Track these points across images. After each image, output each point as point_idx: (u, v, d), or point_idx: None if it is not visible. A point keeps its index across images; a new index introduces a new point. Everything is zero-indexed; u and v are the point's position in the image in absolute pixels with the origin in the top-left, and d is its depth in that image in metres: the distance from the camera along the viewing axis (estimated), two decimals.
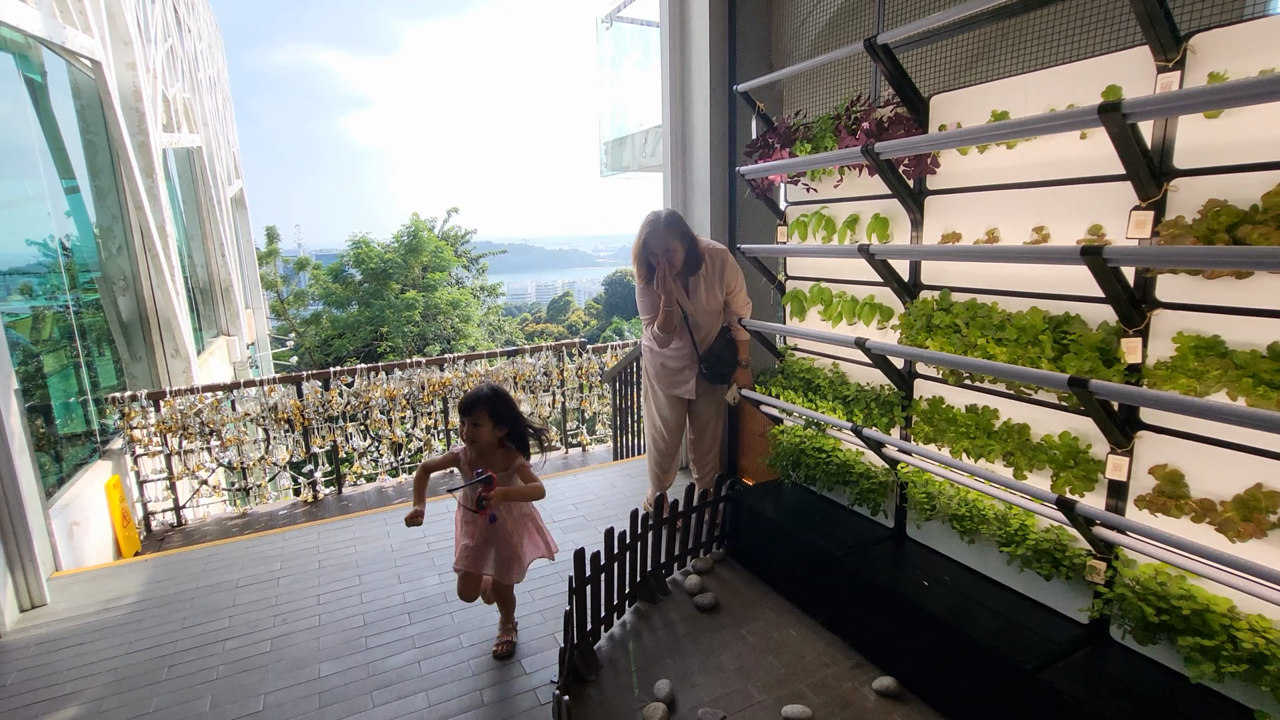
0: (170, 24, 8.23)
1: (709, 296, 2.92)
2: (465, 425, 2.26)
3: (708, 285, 2.90)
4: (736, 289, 2.97)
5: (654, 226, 2.77)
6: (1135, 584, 1.75)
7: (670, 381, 3.06)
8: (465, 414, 2.25)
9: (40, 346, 4.68)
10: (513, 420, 2.32)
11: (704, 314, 2.95)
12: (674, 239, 2.75)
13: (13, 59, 4.37)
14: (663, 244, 2.74)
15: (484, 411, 2.24)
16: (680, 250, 2.78)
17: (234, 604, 2.81)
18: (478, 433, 2.25)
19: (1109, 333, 1.79)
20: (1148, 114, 1.52)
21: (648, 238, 2.76)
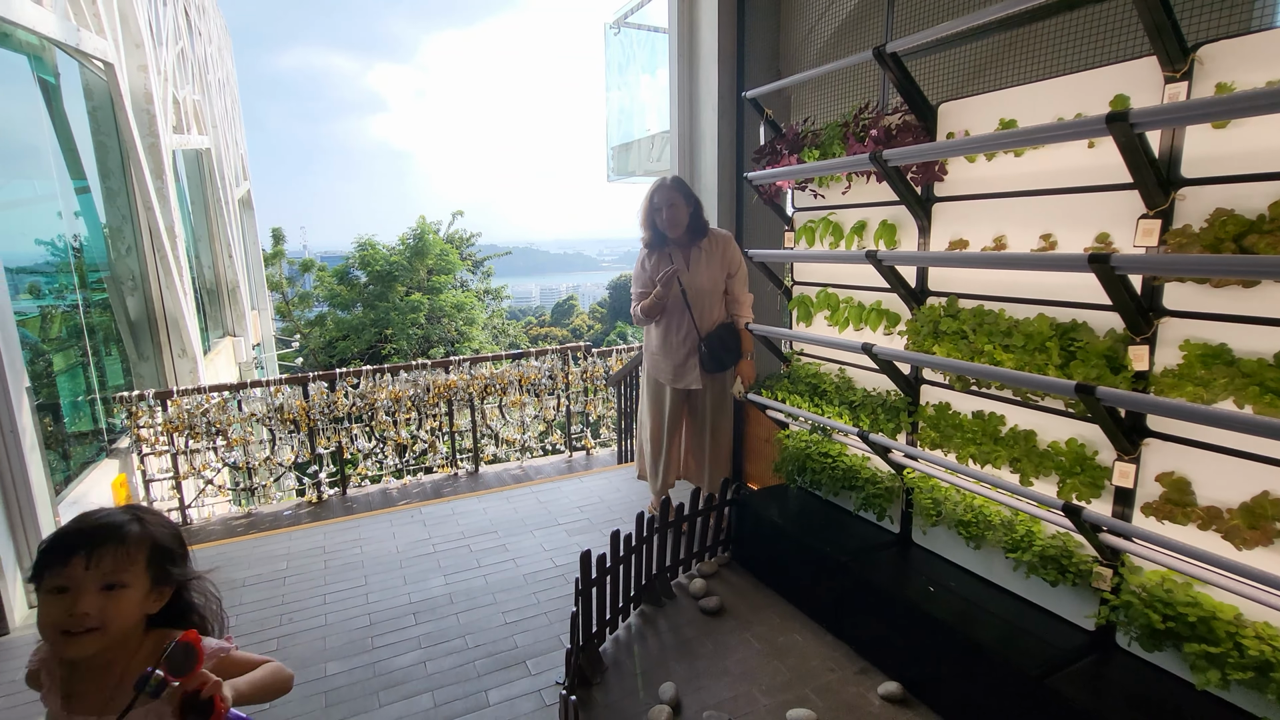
0: (181, 27, 8.31)
1: (708, 273, 2.93)
2: (80, 594, 0.98)
3: (708, 259, 2.93)
4: (738, 272, 3.01)
5: (660, 182, 2.89)
6: (1142, 591, 1.75)
7: (673, 373, 3.04)
8: (72, 566, 0.99)
9: (49, 345, 4.71)
10: (182, 575, 1.12)
11: (703, 292, 2.95)
12: (678, 195, 2.84)
13: (27, 61, 4.42)
14: (667, 198, 2.83)
15: (134, 562, 1.04)
16: (684, 210, 2.85)
17: (240, 603, 2.83)
18: (116, 607, 1.01)
19: (1116, 340, 1.79)
20: (1155, 124, 1.53)
21: (654, 192, 2.86)
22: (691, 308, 2.94)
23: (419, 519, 3.66)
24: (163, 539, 1.10)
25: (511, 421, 5.45)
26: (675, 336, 2.99)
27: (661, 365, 3.06)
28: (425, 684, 2.29)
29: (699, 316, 2.96)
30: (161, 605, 1.10)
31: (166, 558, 1.09)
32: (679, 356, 3.00)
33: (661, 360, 3.05)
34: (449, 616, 2.69)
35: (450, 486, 5.00)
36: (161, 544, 1.09)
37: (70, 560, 0.99)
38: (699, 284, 2.93)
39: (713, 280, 2.94)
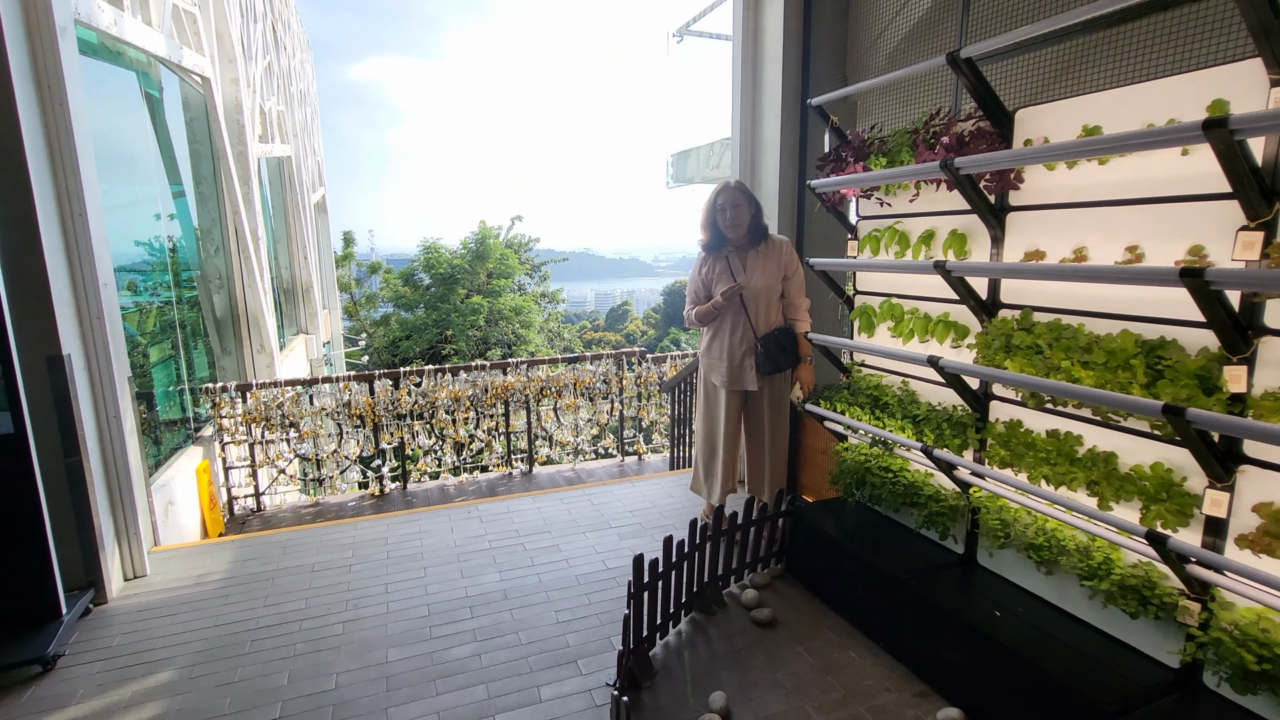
0: (269, 42, 8.86)
1: (764, 272, 2.95)
2: None
3: (765, 261, 2.96)
4: (794, 275, 3.02)
5: (724, 184, 2.93)
6: (1234, 628, 1.63)
7: (729, 374, 3.02)
8: None
9: (145, 339, 5.09)
10: None
11: (759, 292, 2.96)
12: (742, 196, 2.89)
13: (136, 77, 4.81)
14: (731, 198, 2.87)
15: None
16: (746, 211, 2.90)
17: (309, 587, 2.98)
18: None
19: (1209, 359, 1.68)
20: (1259, 130, 1.44)
21: (718, 193, 2.91)
22: (748, 308, 2.95)
23: (476, 515, 3.77)
24: None
25: (566, 424, 5.54)
26: (732, 337, 2.98)
27: (717, 367, 3.06)
28: (480, 676, 2.36)
29: (755, 317, 2.97)
30: None
31: None
32: (735, 357, 2.99)
33: (717, 362, 3.05)
34: (504, 612, 2.76)
35: (505, 485, 5.12)
36: None
37: None
38: (755, 285, 2.94)
39: (769, 282, 2.95)
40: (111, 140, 4.64)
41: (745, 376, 3.01)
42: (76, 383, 2.74)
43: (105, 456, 2.94)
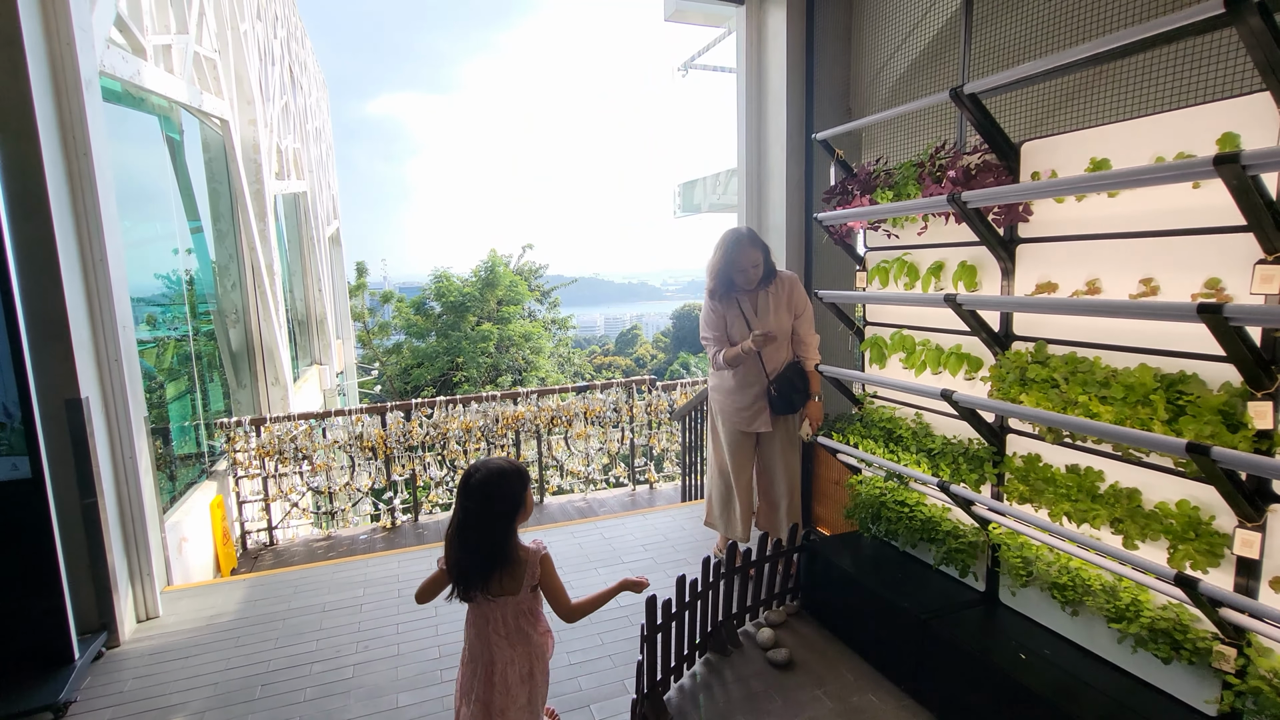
0: (286, 83, 9.12)
1: (776, 316, 2.94)
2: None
3: (776, 303, 2.93)
4: (804, 312, 3.00)
5: (739, 242, 2.83)
6: (1273, 676, 1.57)
7: (741, 417, 3.01)
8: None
9: (162, 373, 5.16)
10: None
11: (773, 331, 2.93)
12: (759, 254, 2.85)
13: (158, 121, 4.96)
14: (751, 259, 2.82)
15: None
16: (760, 261, 2.87)
17: (320, 628, 2.95)
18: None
19: (1233, 394, 1.65)
20: (1272, 166, 1.42)
21: (736, 255, 2.82)
22: (760, 351, 2.92)
23: None
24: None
25: (576, 453, 5.52)
26: (744, 379, 2.96)
27: (730, 408, 3.03)
28: None
29: (768, 360, 2.95)
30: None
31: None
32: (747, 399, 2.98)
33: (730, 403, 3.03)
34: None
35: None
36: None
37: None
38: (771, 328, 2.91)
39: (781, 323, 2.94)
40: (133, 181, 4.77)
41: (758, 419, 3.00)
42: (94, 424, 2.77)
43: (121, 497, 2.96)
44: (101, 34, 3.34)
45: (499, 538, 1.70)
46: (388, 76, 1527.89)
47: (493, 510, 1.69)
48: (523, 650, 1.75)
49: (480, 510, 1.68)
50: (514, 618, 1.74)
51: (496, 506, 1.69)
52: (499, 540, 1.70)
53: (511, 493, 1.70)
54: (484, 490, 1.68)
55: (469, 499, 1.68)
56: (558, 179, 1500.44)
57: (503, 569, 1.70)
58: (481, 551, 1.68)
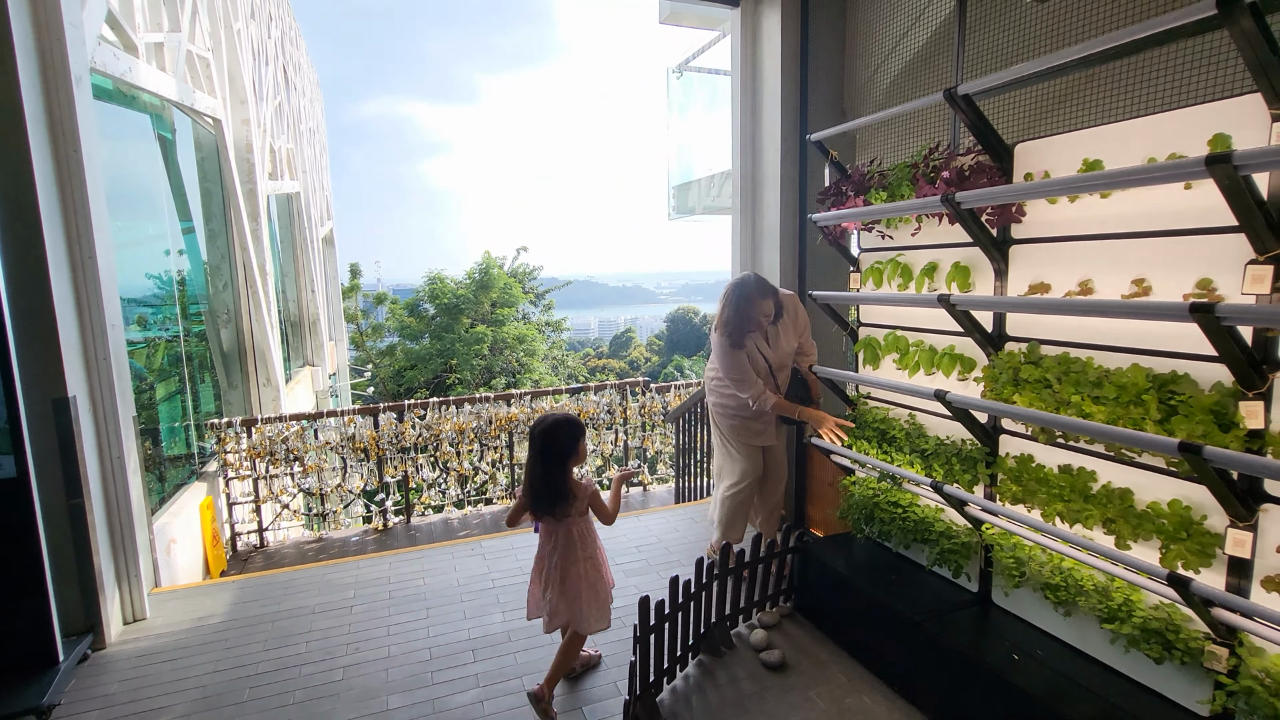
0: (279, 83, 9.09)
1: (786, 341, 3.01)
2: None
3: (785, 332, 2.99)
4: (806, 329, 3.08)
5: (749, 299, 2.79)
6: (1265, 676, 1.57)
7: (751, 432, 3.09)
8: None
9: (152, 374, 5.11)
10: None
11: (784, 358, 3.03)
12: (768, 301, 2.84)
13: (149, 119, 4.92)
14: (762, 310, 2.82)
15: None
16: (772, 307, 2.88)
17: (310, 630, 2.92)
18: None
19: (1224, 394, 1.65)
20: (1263, 166, 1.43)
21: (748, 310, 2.80)
22: (775, 376, 3.03)
23: (479, 552, 3.71)
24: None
25: None
26: None
27: (747, 427, 3.08)
28: None
29: (780, 382, 3.06)
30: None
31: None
32: (763, 421, 3.06)
33: (747, 421, 3.07)
34: (507, 655, 2.69)
35: None
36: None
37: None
38: (782, 355, 3.03)
39: (790, 347, 3.05)
40: (124, 180, 4.73)
41: (767, 433, 3.10)
42: (81, 424, 2.74)
43: (108, 498, 2.93)
44: (93, 30, 3.31)
45: (554, 477, 2.22)
46: (384, 79, 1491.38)
47: (549, 455, 2.21)
48: (582, 554, 2.31)
49: (540, 455, 2.21)
50: (575, 533, 2.30)
51: (553, 453, 2.21)
52: (555, 479, 2.22)
53: (564, 441, 2.21)
54: (543, 439, 2.21)
55: (533, 446, 2.23)
56: (552, 181, 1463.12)
57: (561, 500, 2.23)
58: (545, 487, 2.21)
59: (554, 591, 2.30)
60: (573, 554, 2.31)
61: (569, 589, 2.30)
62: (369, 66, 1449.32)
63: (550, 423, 2.21)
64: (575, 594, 2.30)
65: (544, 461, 2.21)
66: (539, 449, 2.22)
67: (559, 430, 2.20)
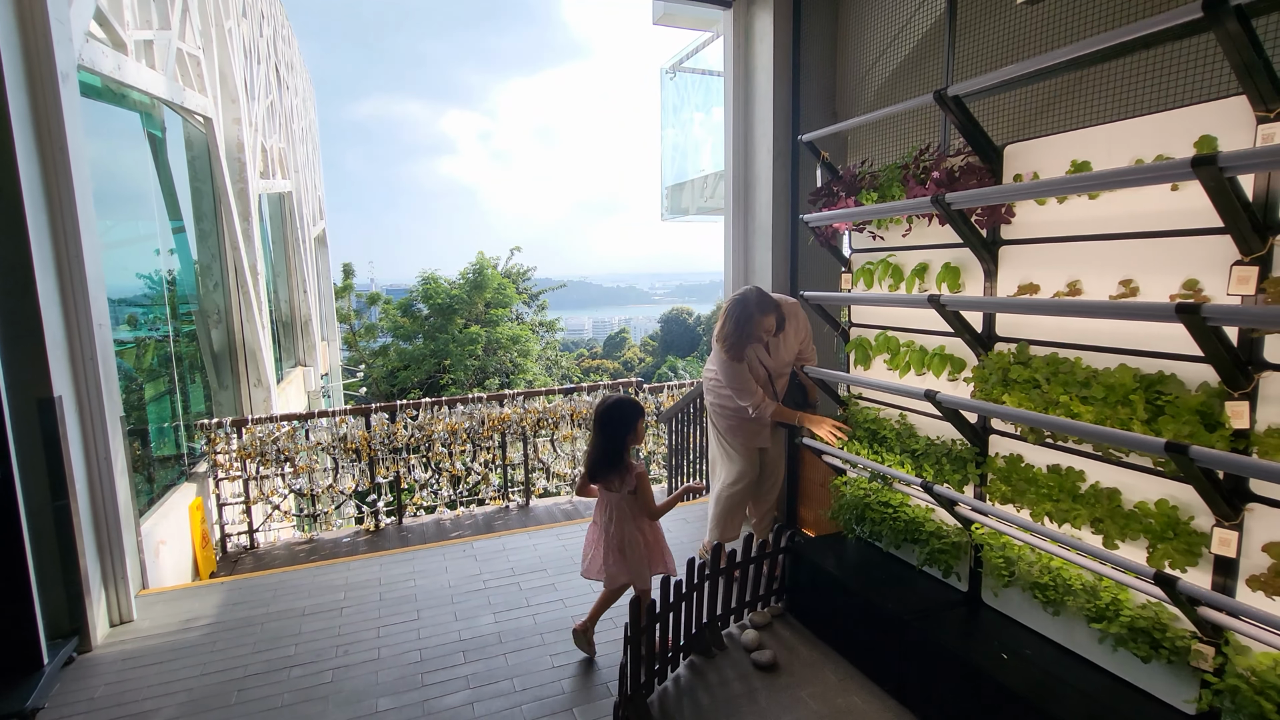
0: (271, 82, 9.04)
1: (787, 350, 3.02)
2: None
3: (785, 340, 2.99)
4: (808, 335, 3.07)
5: (749, 317, 2.77)
6: (1250, 675, 1.58)
7: (748, 434, 3.09)
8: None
9: (142, 374, 5.07)
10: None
11: (783, 366, 3.04)
12: (769, 315, 2.81)
13: (139, 118, 4.89)
14: (764, 326, 2.79)
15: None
16: (774, 323, 2.85)
17: (300, 632, 2.90)
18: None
19: (1210, 394, 1.66)
20: (1248, 167, 1.44)
21: (749, 328, 2.78)
22: (775, 383, 3.05)
23: (471, 554, 3.70)
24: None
25: (563, 455, 5.49)
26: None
27: (746, 429, 3.09)
28: None
29: (779, 389, 3.08)
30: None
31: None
32: (761, 422, 3.06)
33: (746, 425, 3.08)
34: (498, 657, 2.68)
35: (502, 520, 5.05)
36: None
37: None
38: (781, 363, 3.03)
39: (790, 354, 3.05)
40: (113, 179, 4.69)
41: (762, 435, 3.11)
42: (67, 424, 2.71)
43: (94, 499, 2.90)
44: (80, 27, 3.28)
45: (610, 449, 2.45)
46: (378, 79, 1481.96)
47: (608, 429, 2.45)
48: (631, 526, 2.50)
49: (601, 429, 2.45)
50: (626, 506, 2.50)
51: (611, 426, 2.45)
52: (611, 451, 2.44)
53: (622, 420, 2.45)
54: (606, 414, 2.46)
55: (596, 422, 2.48)
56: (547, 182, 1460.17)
57: (614, 473, 2.45)
58: (603, 457, 2.45)
59: (614, 557, 2.51)
60: (628, 524, 2.49)
61: (630, 555, 2.50)
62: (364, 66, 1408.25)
63: (613, 400, 2.49)
64: (637, 558, 2.51)
65: (604, 434, 2.45)
66: (601, 423, 2.46)
67: (619, 407, 2.47)
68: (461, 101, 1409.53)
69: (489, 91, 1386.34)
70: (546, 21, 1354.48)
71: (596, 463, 2.48)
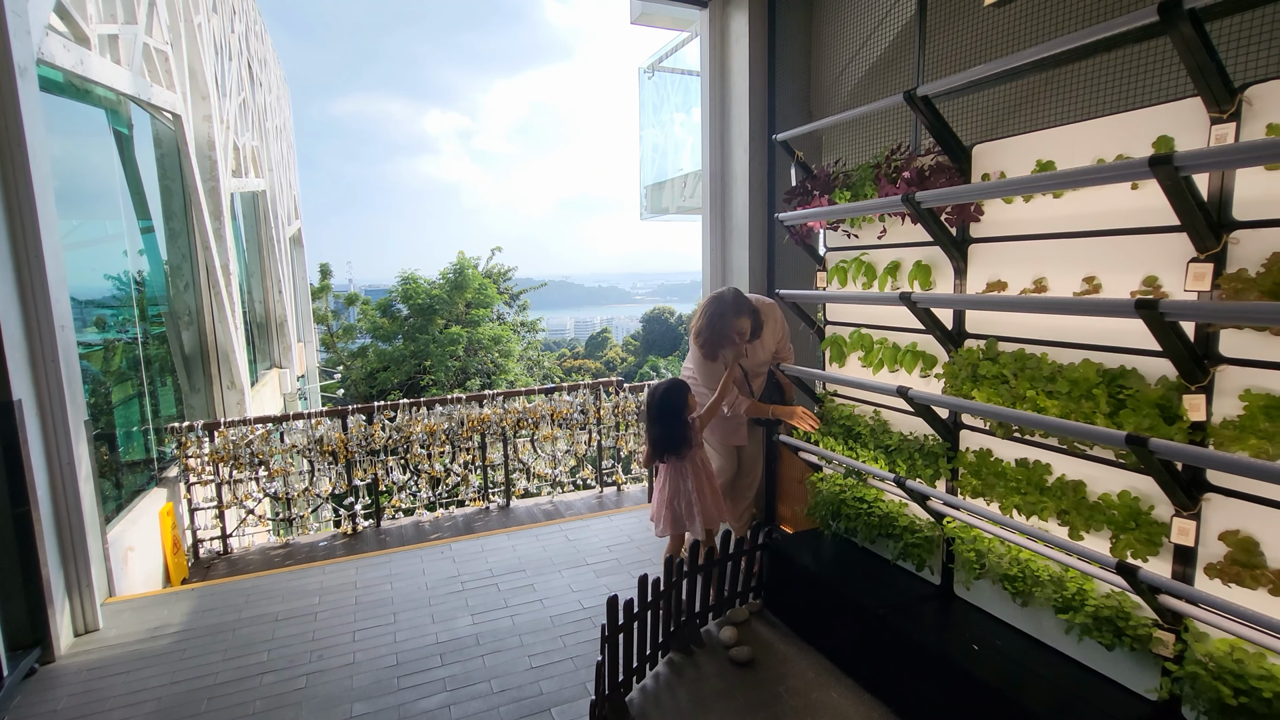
0: (244, 79, 8.87)
1: (764, 350, 3.03)
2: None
3: (763, 341, 2.99)
4: (785, 335, 3.08)
5: (724, 316, 2.77)
6: (1209, 661, 1.62)
7: (725, 432, 3.11)
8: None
9: (109, 377, 4.95)
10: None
11: (760, 366, 3.05)
12: (744, 318, 2.80)
13: (105, 114, 4.77)
14: (737, 328, 2.78)
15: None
16: (748, 326, 2.83)
17: (273, 637, 2.86)
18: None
19: (1169, 388, 1.71)
20: (1203, 166, 1.48)
21: (723, 327, 2.78)
22: (751, 382, 3.06)
23: (449, 555, 3.67)
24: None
25: (543, 455, 5.46)
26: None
27: (721, 424, 3.09)
28: None
29: (756, 389, 3.09)
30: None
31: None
32: (737, 420, 3.08)
33: (724, 422, 3.09)
34: (475, 659, 2.67)
35: (481, 521, 5.01)
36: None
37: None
38: (757, 362, 3.05)
39: (767, 354, 3.06)
40: (77, 177, 4.57)
41: (740, 432, 3.12)
42: (28, 429, 2.64)
43: (57, 505, 2.82)
44: (39, 20, 3.19)
45: (670, 431, 2.67)
46: (356, 77, 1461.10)
47: (667, 415, 2.67)
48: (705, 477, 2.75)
49: (659, 416, 2.69)
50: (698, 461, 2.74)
51: (669, 411, 2.67)
52: (670, 432, 2.67)
53: (671, 404, 2.67)
54: (660, 403, 2.69)
55: (650, 410, 2.74)
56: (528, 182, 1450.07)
57: (686, 445, 2.68)
58: (667, 439, 2.68)
59: (699, 508, 2.73)
60: (701, 481, 2.74)
61: (706, 503, 2.73)
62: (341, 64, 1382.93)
63: (663, 389, 2.71)
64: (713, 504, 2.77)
65: (662, 421, 2.67)
66: (657, 413, 2.68)
67: (666, 395, 2.68)
68: (442, 100, 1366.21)
69: (470, 90, 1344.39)
70: (528, 20, 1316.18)
71: (664, 445, 2.68)
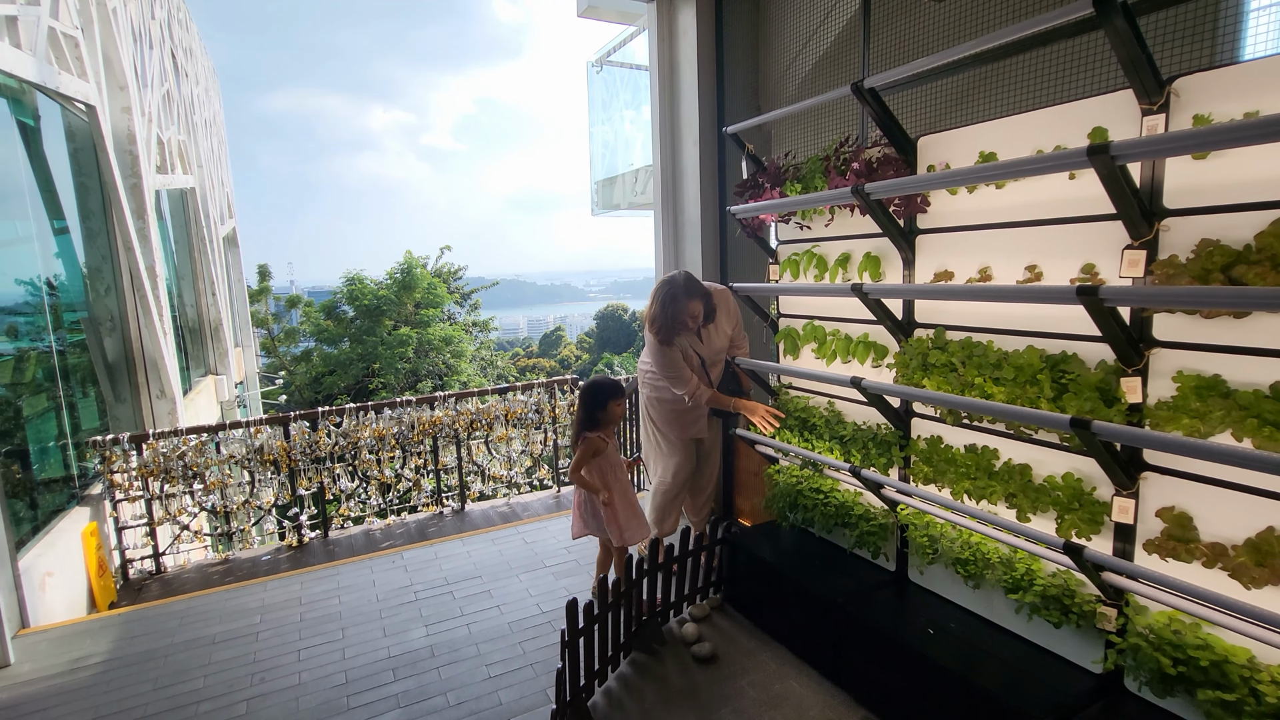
0: (168, 69, 8.36)
1: (719, 336, 2.96)
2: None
3: (717, 328, 2.94)
4: (738, 323, 3.03)
5: (675, 298, 2.72)
6: (1149, 633, 1.69)
7: (684, 425, 3.04)
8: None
9: (21, 389, 4.58)
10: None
11: (716, 354, 2.99)
12: (699, 303, 2.75)
13: (5, 103, 4.39)
14: (690, 311, 2.73)
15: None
16: (701, 309, 2.79)
17: (209, 662, 2.68)
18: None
19: (1108, 372, 1.76)
20: (1136, 155, 1.52)
21: (675, 311, 2.72)
22: (708, 371, 2.99)
23: (400, 564, 3.54)
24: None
25: (499, 457, 5.34)
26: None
27: (680, 420, 3.04)
28: None
29: (714, 379, 3.02)
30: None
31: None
32: (697, 412, 3.01)
33: (680, 416, 3.03)
34: (430, 671, 2.57)
35: (435, 526, 4.86)
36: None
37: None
38: (714, 350, 2.97)
39: (723, 341, 3.00)
40: None
41: (698, 425, 3.05)
42: None
43: None
44: None
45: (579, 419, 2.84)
46: (292, 72, 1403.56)
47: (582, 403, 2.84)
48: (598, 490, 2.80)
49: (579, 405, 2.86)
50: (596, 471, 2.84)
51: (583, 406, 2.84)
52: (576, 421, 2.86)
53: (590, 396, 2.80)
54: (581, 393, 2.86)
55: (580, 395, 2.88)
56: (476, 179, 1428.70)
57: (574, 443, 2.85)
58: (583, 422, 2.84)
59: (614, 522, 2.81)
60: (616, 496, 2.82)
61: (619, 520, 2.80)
62: (275, 57, 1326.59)
63: (589, 380, 2.88)
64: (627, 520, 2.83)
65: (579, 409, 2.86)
66: (584, 396, 2.84)
67: (590, 386, 2.83)
68: (383, 96, 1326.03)
69: (415, 87, 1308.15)
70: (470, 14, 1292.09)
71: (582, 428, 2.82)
